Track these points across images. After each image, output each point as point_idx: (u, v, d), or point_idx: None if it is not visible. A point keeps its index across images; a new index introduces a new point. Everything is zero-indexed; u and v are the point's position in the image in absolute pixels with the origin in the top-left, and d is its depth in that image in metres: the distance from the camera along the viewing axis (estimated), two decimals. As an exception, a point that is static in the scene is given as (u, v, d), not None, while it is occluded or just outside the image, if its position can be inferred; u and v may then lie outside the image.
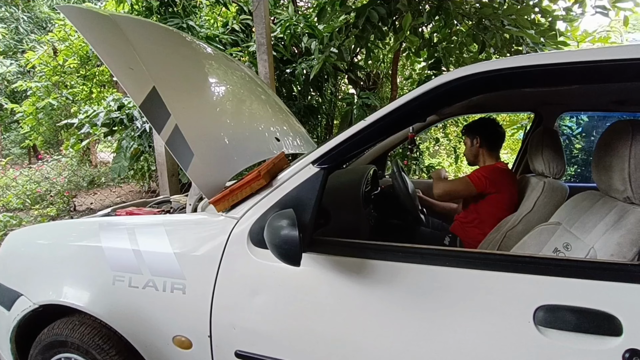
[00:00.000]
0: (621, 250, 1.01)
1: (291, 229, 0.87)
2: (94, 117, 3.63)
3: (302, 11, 5.05)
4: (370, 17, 2.82)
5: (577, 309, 0.84)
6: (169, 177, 2.86)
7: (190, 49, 1.80)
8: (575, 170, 5.24)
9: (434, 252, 0.98)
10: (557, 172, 1.76)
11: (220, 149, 1.38)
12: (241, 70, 2.10)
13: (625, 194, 1.07)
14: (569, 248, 1.23)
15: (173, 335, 1.13)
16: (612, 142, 1.11)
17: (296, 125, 2.25)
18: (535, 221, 1.66)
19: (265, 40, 3.06)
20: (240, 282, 1.07)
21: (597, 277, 0.85)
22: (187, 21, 3.85)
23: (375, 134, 1.04)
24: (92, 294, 1.22)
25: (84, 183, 4.91)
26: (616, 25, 5.25)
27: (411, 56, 4.11)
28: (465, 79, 0.96)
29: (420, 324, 0.93)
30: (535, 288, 0.88)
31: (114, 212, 1.59)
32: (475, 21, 3.07)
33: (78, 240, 1.31)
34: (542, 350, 0.84)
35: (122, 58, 1.27)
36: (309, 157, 1.07)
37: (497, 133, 2.01)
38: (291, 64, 4.19)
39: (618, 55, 0.90)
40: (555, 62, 0.93)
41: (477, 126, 2.04)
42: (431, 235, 2.12)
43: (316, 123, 4.82)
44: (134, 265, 1.16)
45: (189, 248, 1.13)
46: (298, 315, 1.02)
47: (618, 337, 0.81)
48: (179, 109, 1.29)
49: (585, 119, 5.16)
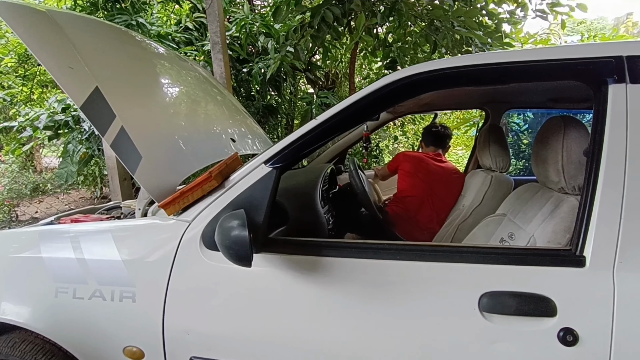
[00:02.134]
0: (556, 237, 1.09)
1: (241, 229, 0.86)
2: (36, 120, 3.39)
3: (258, 10, 5.00)
4: (325, 17, 2.84)
5: (517, 294, 0.90)
6: (120, 182, 2.73)
7: (139, 48, 1.73)
8: (524, 164, 5.58)
9: (386, 246, 1.01)
10: (502, 166, 1.87)
11: (171, 150, 1.33)
12: (195, 70, 2.05)
13: (560, 185, 1.16)
14: (513, 237, 1.31)
15: (124, 347, 1.09)
16: (547, 136, 1.19)
17: (254, 126, 2.22)
18: (484, 213, 1.75)
19: (220, 39, 2.99)
20: (194, 286, 1.04)
21: (534, 263, 0.91)
22: (137, 18, 3.68)
23: (327, 133, 1.05)
24: (32, 308, 1.14)
25: (26, 191, 4.56)
26: (555, 28, 5.65)
27: (368, 56, 4.19)
28: (411, 78, 1.00)
29: (376, 317, 0.95)
30: (480, 276, 0.93)
31: (57, 220, 1.50)
32: (427, 22, 3.18)
33: (16, 251, 1.22)
34: (487, 334, 0.89)
35: (60, 56, 1.20)
36: (261, 157, 1.07)
37: (431, 133, 2.40)
38: (248, 64, 4.13)
39: (549, 56, 0.97)
40: (493, 62, 0.99)
41: (423, 133, 2.52)
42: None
43: (276, 123, 4.78)
44: (78, 275, 1.10)
45: (138, 254, 1.09)
46: (254, 316, 1.01)
47: (553, 318, 0.87)
48: (125, 110, 1.23)
49: (531, 116, 5.50)
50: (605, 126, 0.91)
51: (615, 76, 0.91)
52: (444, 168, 2.25)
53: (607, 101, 0.91)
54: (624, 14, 12.13)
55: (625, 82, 0.91)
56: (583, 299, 0.87)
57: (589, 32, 9.37)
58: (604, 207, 0.88)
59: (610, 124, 0.90)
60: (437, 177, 2.20)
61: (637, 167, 0.87)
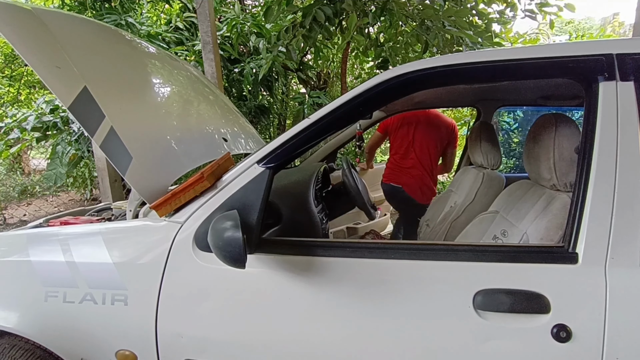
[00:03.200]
0: (549, 234, 1.10)
1: (234, 230, 0.85)
2: (23, 121, 3.33)
3: (249, 10, 4.97)
4: (316, 17, 2.84)
5: (511, 291, 0.90)
6: (111, 183, 2.70)
7: (129, 47, 1.70)
8: (514, 162, 5.64)
9: (380, 246, 1.01)
10: (494, 163, 1.88)
11: (162, 151, 1.31)
12: (186, 70, 2.03)
13: (552, 182, 1.17)
14: (506, 235, 1.31)
15: (116, 350, 1.07)
16: (539, 134, 1.20)
17: (246, 126, 2.21)
18: (476, 211, 1.75)
19: (210, 39, 2.97)
20: (187, 288, 1.03)
21: (528, 260, 0.92)
22: (126, 18, 3.64)
23: (320, 132, 1.04)
24: (21, 313, 1.12)
25: (14, 193, 4.48)
26: (544, 28, 5.71)
27: (360, 56, 4.20)
28: (404, 76, 1.00)
29: (371, 317, 0.95)
30: (474, 274, 0.93)
31: (46, 222, 1.47)
32: (418, 22, 3.19)
33: (4, 255, 1.19)
34: (481, 332, 0.89)
35: (47, 56, 1.17)
36: (254, 156, 1.06)
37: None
38: (239, 64, 4.11)
39: (540, 54, 0.98)
40: (485, 60, 0.99)
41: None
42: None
43: (268, 123, 4.76)
44: (68, 278, 1.08)
45: (129, 256, 1.07)
46: (248, 318, 1.00)
47: (547, 315, 0.88)
48: (115, 110, 1.21)
49: (521, 115, 5.56)
50: (597, 123, 0.91)
51: (605, 74, 0.92)
52: (427, 112, 2.59)
53: (597, 99, 0.92)
54: (610, 14, 12.34)
55: (616, 80, 0.92)
56: (576, 296, 0.88)
57: (576, 32, 9.51)
58: (595, 204, 0.89)
59: (601, 121, 0.91)
60: (418, 120, 2.56)
61: (627, 164, 0.88)
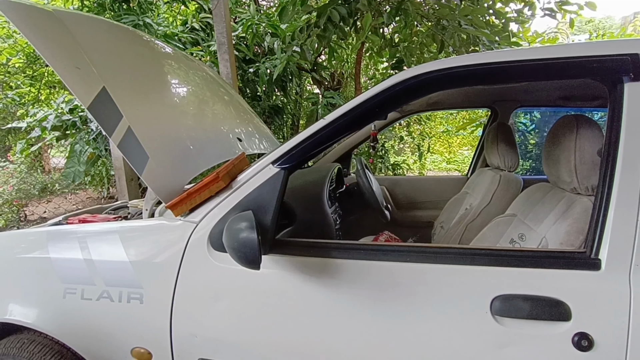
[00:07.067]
0: (569, 238, 1.07)
1: (250, 231, 0.85)
2: (44, 120, 3.41)
3: (264, 10, 5.00)
4: (331, 17, 2.83)
5: (530, 297, 0.88)
6: (127, 182, 2.74)
7: (146, 48, 1.72)
8: (530, 164, 5.53)
9: (395, 249, 0.99)
10: (511, 165, 1.84)
11: (178, 151, 1.32)
12: (202, 70, 2.04)
13: (572, 185, 1.14)
14: (523, 238, 1.29)
15: (131, 348, 1.08)
16: (559, 136, 1.16)
17: (261, 126, 2.21)
18: (493, 213, 1.72)
19: (226, 40, 2.99)
20: (201, 288, 1.03)
21: (547, 265, 0.89)
22: (144, 19, 3.70)
23: (335, 133, 1.04)
24: (41, 309, 1.14)
25: (35, 191, 4.59)
26: (563, 27, 5.59)
27: (374, 56, 4.17)
28: (421, 77, 0.98)
29: (386, 320, 0.94)
30: (492, 279, 0.91)
31: (65, 220, 1.50)
32: (434, 22, 3.16)
33: (24, 252, 1.22)
34: (499, 338, 0.87)
35: (67, 57, 1.19)
36: (269, 157, 1.06)
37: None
38: (254, 64, 4.13)
39: (562, 53, 0.95)
40: (505, 60, 0.97)
41: None
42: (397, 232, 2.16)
43: (282, 123, 4.77)
44: (86, 276, 1.10)
45: (145, 255, 1.08)
46: (262, 319, 1.00)
47: (567, 322, 0.85)
48: (132, 110, 1.22)
49: (538, 116, 5.45)
50: (621, 125, 0.88)
51: (631, 74, 0.89)
52: None
53: (622, 100, 0.89)
54: (631, 13, 11.99)
55: (642, 81, 0.88)
56: (598, 303, 0.85)
57: (596, 31, 9.26)
58: (619, 209, 0.86)
59: (626, 123, 0.88)
60: None
61: None
